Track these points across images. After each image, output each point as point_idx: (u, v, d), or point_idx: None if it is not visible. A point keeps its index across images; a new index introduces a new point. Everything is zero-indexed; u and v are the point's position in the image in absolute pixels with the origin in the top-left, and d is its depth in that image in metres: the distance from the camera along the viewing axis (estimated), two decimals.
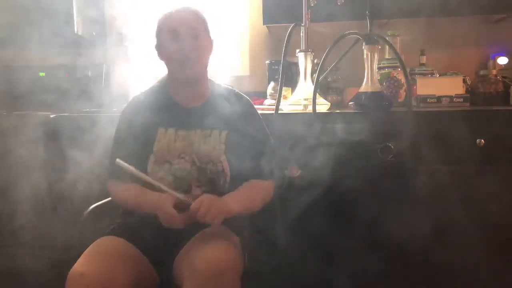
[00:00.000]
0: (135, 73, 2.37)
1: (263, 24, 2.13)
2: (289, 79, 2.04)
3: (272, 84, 2.09)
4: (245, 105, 1.42)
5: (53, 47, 2.35)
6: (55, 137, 1.78)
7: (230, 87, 1.48)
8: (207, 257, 1.14)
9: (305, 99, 1.77)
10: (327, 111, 1.76)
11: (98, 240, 1.25)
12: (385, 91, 1.85)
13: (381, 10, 1.75)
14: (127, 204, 1.36)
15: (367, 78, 1.69)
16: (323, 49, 1.62)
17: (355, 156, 1.62)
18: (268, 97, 2.09)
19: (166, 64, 1.36)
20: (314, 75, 1.67)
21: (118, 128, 1.39)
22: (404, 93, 1.95)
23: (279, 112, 1.67)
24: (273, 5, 2.04)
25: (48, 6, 2.13)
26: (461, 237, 1.61)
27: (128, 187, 1.33)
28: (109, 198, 1.46)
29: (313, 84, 1.75)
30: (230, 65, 2.42)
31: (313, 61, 1.83)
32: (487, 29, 2.21)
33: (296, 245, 1.60)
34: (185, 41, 1.28)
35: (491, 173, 1.60)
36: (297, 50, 1.81)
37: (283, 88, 1.71)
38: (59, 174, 1.76)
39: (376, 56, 1.67)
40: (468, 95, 1.86)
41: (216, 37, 1.40)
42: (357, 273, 1.61)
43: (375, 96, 1.67)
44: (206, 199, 1.20)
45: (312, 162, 1.60)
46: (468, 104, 1.82)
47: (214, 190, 1.34)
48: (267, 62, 2.19)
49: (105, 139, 1.48)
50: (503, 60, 2.12)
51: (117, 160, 1.25)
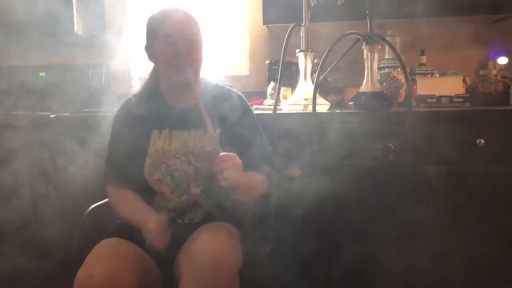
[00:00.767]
0: (135, 73, 2.37)
1: (263, 24, 2.13)
2: (289, 79, 2.04)
3: (272, 84, 2.09)
4: (236, 101, 1.42)
5: (53, 47, 2.36)
6: (55, 137, 1.78)
7: (222, 84, 1.47)
8: (205, 247, 1.14)
9: (305, 99, 1.77)
10: (327, 111, 1.76)
11: (103, 242, 1.25)
12: (385, 91, 1.85)
13: (381, 10, 1.75)
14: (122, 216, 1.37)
15: (367, 78, 1.69)
16: (323, 49, 1.62)
17: (355, 156, 1.62)
18: (268, 97, 2.09)
19: (161, 68, 1.36)
20: (314, 75, 1.67)
21: (112, 133, 1.40)
22: (404, 93, 1.95)
23: (280, 112, 1.67)
24: (273, 5, 2.04)
25: (48, 6, 2.13)
26: (461, 237, 1.61)
27: (123, 200, 1.34)
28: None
29: (313, 84, 1.75)
30: (230, 65, 2.42)
31: (313, 61, 1.83)
32: (487, 29, 2.21)
33: (296, 244, 1.60)
34: (182, 47, 1.28)
35: (491, 173, 1.60)
36: (297, 50, 1.80)
37: (283, 88, 1.71)
38: (59, 174, 1.76)
39: (376, 56, 1.67)
40: (468, 95, 1.86)
41: (212, 37, 1.39)
42: (353, 268, 1.61)
43: (375, 96, 1.67)
44: (235, 158, 1.19)
45: (312, 162, 1.60)
46: (468, 104, 1.82)
47: (213, 188, 1.34)
48: (267, 62, 2.19)
49: (105, 139, 1.48)
50: (503, 60, 2.12)
51: None
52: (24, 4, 2.18)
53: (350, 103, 1.75)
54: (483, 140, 1.59)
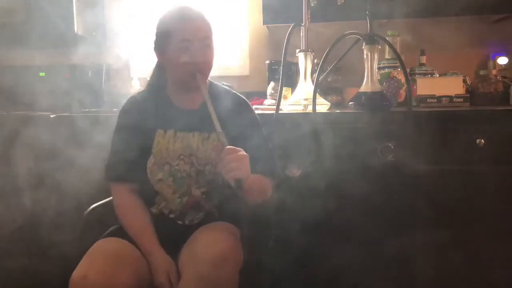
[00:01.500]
0: (135, 73, 2.38)
1: (263, 24, 2.13)
2: (289, 79, 2.04)
3: (272, 84, 2.09)
4: (241, 105, 1.42)
5: (53, 47, 2.36)
6: (55, 137, 1.78)
7: (228, 88, 1.47)
8: (207, 246, 1.14)
9: (305, 99, 1.77)
10: (327, 111, 1.76)
11: (100, 242, 1.25)
12: (385, 91, 1.85)
13: (381, 10, 1.75)
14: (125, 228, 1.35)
15: (367, 78, 1.69)
16: (323, 49, 1.62)
17: (355, 156, 1.62)
18: (268, 97, 2.08)
19: (172, 70, 1.33)
20: (314, 75, 1.67)
21: (116, 130, 1.38)
22: (404, 93, 1.95)
23: (280, 112, 1.67)
24: (273, 5, 2.03)
25: (48, 6, 2.13)
26: (461, 237, 1.61)
27: (130, 213, 1.33)
28: (109, 198, 1.46)
29: (313, 84, 1.75)
30: (230, 65, 2.42)
31: (313, 61, 1.83)
32: (487, 29, 2.21)
33: (295, 243, 1.60)
34: (197, 54, 1.26)
35: (491, 173, 1.60)
36: (297, 50, 1.80)
37: (283, 88, 1.70)
38: (59, 174, 1.76)
39: (376, 56, 1.67)
40: (468, 95, 1.86)
41: (217, 38, 1.38)
42: (352, 267, 1.61)
43: (375, 96, 1.67)
44: (242, 152, 1.17)
45: (312, 162, 1.60)
46: (468, 104, 1.82)
47: (214, 191, 1.34)
48: (267, 62, 2.19)
49: (105, 139, 1.48)
50: (503, 60, 2.12)
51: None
52: (24, 4, 2.18)
53: (350, 103, 1.75)
54: (483, 140, 1.59)
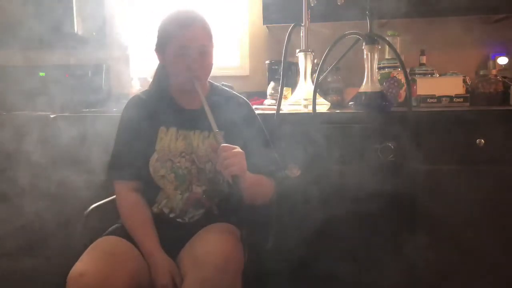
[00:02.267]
0: (135, 73, 2.37)
1: (263, 24, 2.13)
2: (289, 79, 2.04)
3: (272, 84, 2.09)
4: (243, 107, 1.44)
5: (53, 47, 2.36)
6: (55, 137, 1.78)
7: (229, 89, 1.48)
8: (210, 248, 1.15)
9: (305, 99, 1.77)
10: (327, 111, 1.76)
11: (99, 240, 1.26)
12: (385, 91, 1.85)
13: (381, 10, 1.75)
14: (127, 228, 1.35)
15: (367, 78, 1.69)
16: (323, 49, 1.62)
17: (355, 156, 1.62)
18: (268, 97, 2.09)
19: (171, 73, 1.36)
20: (314, 75, 1.67)
21: (119, 128, 1.39)
22: (404, 93, 1.95)
23: (280, 112, 1.67)
24: (273, 5, 2.04)
25: (48, 6, 2.13)
26: (461, 237, 1.61)
27: (134, 214, 1.33)
28: (109, 198, 1.46)
29: (313, 84, 1.75)
30: (230, 65, 2.42)
31: (313, 61, 1.83)
32: (487, 29, 2.20)
33: (295, 244, 1.60)
34: (196, 61, 1.28)
35: (491, 173, 1.60)
36: (297, 50, 1.80)
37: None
38: (59, 174, 1.76)
39: (376, 56, 1.67)
40: (468, 95, 1.86)
41: (216, 40, 1.39)
42: (352, 268, 1.62)
43: (375, 96, 1.67)
44: (237, 149, 1.19)
45: (312, 162, 1.60)
46: (468, 104, 1.82)
47: (214, 189, 1.35)
48: (267, 62, 2.19)
49: (105, 139, 1.48)
50: (503, 60, 2.12)
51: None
52: (24, 4, 2.18)
53: (350, 103, 1.75)
54: (483, 140, 1.59)
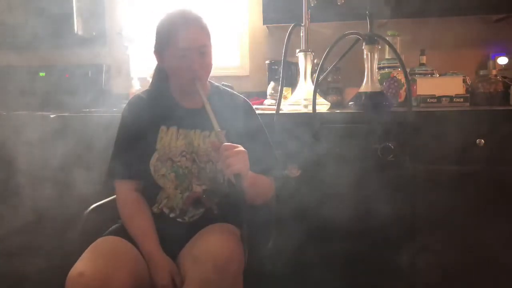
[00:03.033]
0: (135, 73, 2.37)
1: (263, 24, 2.13)
2: (289, 79, 2.04)
3: (272, 84, 2.09)
4: (243, 106, 1.43)
5: (53, 47, 2.36)
6: (55, 137, 1.78)
7: (229, 89, 1.48)
8: (211, 249, 1.14)
9: (305, 99, 1.77)
10: (327, 111, 1.76)
11: (98, 240, 1.26)
12: (385, 91, 1.85)
13: (381, 10, 1.75)
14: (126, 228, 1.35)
15: (367, 78, 1.69)
16: (323, 49, 1.62)
17: (355, 156, 1.62)
18: (268, 97, 2.09)
19: (172, 74, 1.36)
20: (314, 75, 1.67)
21: (120, 126, 1.40)
22: (404, 93, 1.95)
23: (280, 112, 1.67)
24: (273, 5, 2.04)
25: (48, 6, 2.13)
26: (461, 237, 1.61)
27: (135, 217, 1.32)
28: (109, 198, 1.46)
29: (313, 84, 1.75)
30: (230, 65, 2.42)
31: (313, 61, 1.83)
32: (487, 29, 2.21)
33: (296, 244, 1.60)
34: (195, 62, 1.28)
35: (491, 173, 1.60)
36: (297, 50, 1.81)
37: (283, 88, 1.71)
38: (59, 174, 1.76)
39: (376, 56, 1.67)
40: (468, 95, 1.86)
41: (215, 40, 1.38)
42: (352, 267, 1.61)
43: (375, 96, 1.67)
44: (240, 148, 1.19)
45: (312, 162, 1.60)
46: (468, 104, 1.82)
47: (214, 188, 1.35)
48: (267, 62, 2.19)
49: (105, 139, 1.48)
50: (503, 60, 2.12)
51: None
52: (24, 4, 2.18)
53: (350, 103, 1.75)
54: (483, 140, 1.59)
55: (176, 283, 1.22)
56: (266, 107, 1.96)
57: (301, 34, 1.81)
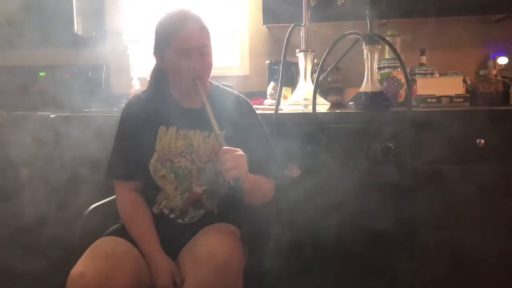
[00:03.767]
0: (135, 73, 2.37)
1: (263, 24, 2.13)
2: (289, 79, 2.04)
3: (272, 84, 2.09)
4: (244, 107, 1.43)
5: (53, 47, 2.36)
6: (55, 137, 1.78)
7: (229, 89, 1.48)
8: (211, 249, 1.15)
9: (305, 99, 1.76)
10: (327, 111, 1.76)
11: (98, 241, 1.26)
12: (385, 91, 1.85)
13: (381, 10, 1.75)
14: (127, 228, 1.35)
15: (367, 78, 1.69)
16: (323, 49, 1.62)
17: (355, 156, 1.62)
18: (268, 97, 2.09)
19: (172, 75, 1.35)
20: (314, 75, 1.67)
21: (119, 127, 1.39)
22: (404, 93, 1.95)
23: (280, 112, 1.67)
24: (273, 5, 2.03)
25: (48, 6, 2.13)
26: (461, 237, 1.61)
27: (135, 218, 1.33)
28: (109, 198, 1.46)
29: (313, 84, 1.75)
30: (230, 65, 2.42)
31: (313, 61, 1.83)
32: (487, 29, 2.21)
33: (296, 244, 1.60)
34: (196, 61, 1.27)
35: (491, 173, 1.60)
36: (297, 50, 1.80)
37: (283, 88, 1.70)
38: (59, 174, 1.76)
39: (376, 56, 1.67)
40: (468, 95, 1.86)
41: (216, 40, 1.38)
42: (352, 267, 1.62)
43: (375, 96, 1.67)
44: (239, 152, 1.20)
45: (312, 162, 1.60)
46: (468, 104, 1.82)
47: (214, 189, 1.35)
48: (267, 62, 2.19)
49: (105, 139, 1.48)
50: (503, 60, 2.12)
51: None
52: (24, 4, 2.18)
53: (350, 103, 1.75)
54: (483, 140, 1.59)
55: (176, 283, 1.22)
56: (266, 107, 1.96)
57: (301, 34, 1.81)
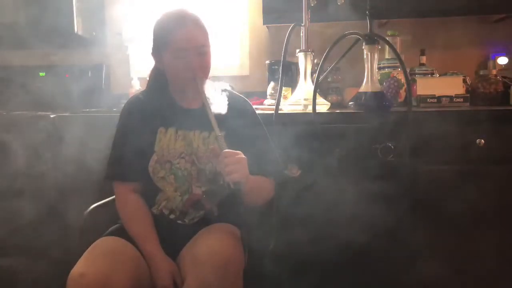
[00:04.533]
0: (135, 73, 2.38)
1: (263, 24, 2.13)
2: (289, 79, 2.04)
3: (272, 84, 2.09)
4: (244, 106, 1.43)
5: (53, 47, 2.36)
6: (55, 137, 1.78)
7: (229, 89, 1.47)
8: (211, 249, 1.15)
9: (305, 99, 1.76)
10: (327, 111, 1.76)
11: (98, 241, 1.26)
12: (385, 91, 1.85)
13: (381, 10, 1.75)
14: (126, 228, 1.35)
15: (367, 78, 1.69)
16: (323, 49, 1.62)
17: (355, 156, 1.62)
18: (268, 97, 2.09)
19: (171, 75, 1.34)
20: (314, 75, 1.67)
21: (118, 127, 1.39)
22: (404, 93, 1.95)
23: (280, 112, 1.67)
24: (273, 5, 2.03)
25: (48, 6, 2.13)
26: (461, 237, 1.61)
27: (135, 218, 1.33)
28: (109, 198, 1.46)
29: (313, 84, 1.75)
30: (230, 65, 2.42)
31: (313, 61, 1.83)
32: (487, 29, 2.21)
33: (296, 244, 1.60)
34: (194, 62, 1.26)
35: (491, 173, 1.60)
36: (297, 50, 1.80)
37: (283, 88, 1.70)
38: (59, 174, 1.76)
39: (376, 56, 1.67)
40: (468, 95, 1.86)
41: (215, 40, 1.37)
42: (352, 268, 1.61)
43: (375, 96, 1.67)
44: (240, 155, 1.19)
45: (312, 162, 1.60)
46: (468, 104, 1.82)
47: (214, 190, 1.35)
48: (267, 62, 2.19)
49: (105, 139, 1.48)
50: (503, 60, 2.12)
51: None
52: (24, 4, 2.18)
53: (350, 103, 1.75)
54: (483, 140, 1.59)
55: (176, 283, 1.22)
56: (266, 107, 1.96)
57: (301, 34, 1.81)
